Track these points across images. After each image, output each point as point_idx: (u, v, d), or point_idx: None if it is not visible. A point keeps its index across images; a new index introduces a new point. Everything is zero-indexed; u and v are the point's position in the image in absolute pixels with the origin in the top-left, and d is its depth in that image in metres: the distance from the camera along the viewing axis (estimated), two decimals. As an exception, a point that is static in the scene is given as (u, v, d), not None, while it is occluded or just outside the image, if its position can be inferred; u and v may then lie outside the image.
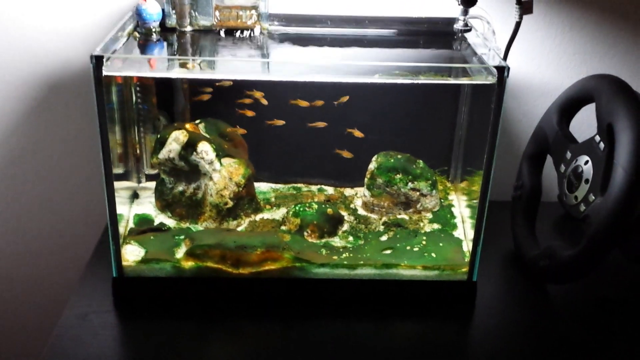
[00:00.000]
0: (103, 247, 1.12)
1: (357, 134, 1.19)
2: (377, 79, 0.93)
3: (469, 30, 1.11)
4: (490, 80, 0.95)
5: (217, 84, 1.16)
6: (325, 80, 0.94)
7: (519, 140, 1.37)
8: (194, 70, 1.01)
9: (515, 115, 1.38)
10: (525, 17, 1.08)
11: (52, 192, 1.39)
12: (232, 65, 1.08)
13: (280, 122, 1.19)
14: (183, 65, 1.02)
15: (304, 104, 1.18)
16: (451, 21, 1.19)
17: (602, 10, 1.31)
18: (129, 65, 1.02)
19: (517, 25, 1.06)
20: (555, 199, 1.23)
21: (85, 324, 1.01)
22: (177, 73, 1.04)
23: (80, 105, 1.31)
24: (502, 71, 0.94)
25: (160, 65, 1.06)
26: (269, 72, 1.04)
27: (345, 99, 1.18)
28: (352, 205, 1.23)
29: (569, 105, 1.17)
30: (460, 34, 1.13)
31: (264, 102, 1.18)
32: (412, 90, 1.21)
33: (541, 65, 1.35)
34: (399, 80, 0.93)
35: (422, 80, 0.93)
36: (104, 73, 0.92)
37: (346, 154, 1.21)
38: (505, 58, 1.09)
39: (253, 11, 1.16)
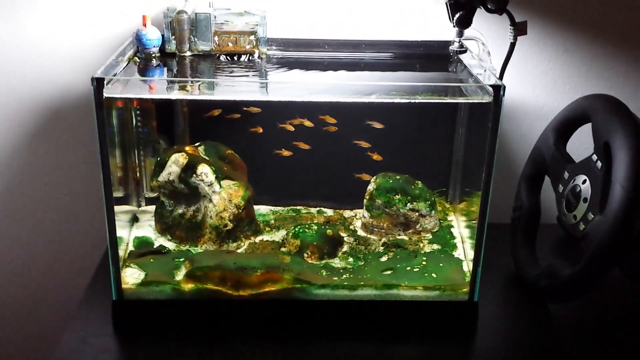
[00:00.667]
0: (103, 271, 1.12)
1: (365, 144, 1.21)
2: (374, 99, 0.94)
3: (465, 51, 1.13)
4: (487, 99, 0.96)
5: (244, 108, 1.18)
6: (323, 100, 0.95)
7: (516, 162, 1.38)
8: (194, 91, 1.02)
9: (512, 137, 1.39)
10: (520, 40, 1.10)
11: (52, 216, 1.39)
12: (231, 86, 1.10)
13: (288, 153, 1.21)
14: (183, 87, 1.03)
15: (290, 128, 1.20)
16: (447, 44, 1.20)
17: (596, 33, 1.33)
18: (130, 88, 1.03)
19: (512, 46, 1.08)
20: (554, 220, 1.24)
21: (85, 347, 1.00)
22: (176, 94, 1.05)
23: (79, 131, 1.32)
24: (497, 90, 0.95)
25: (160, 87, 1.07)
26: (268, 93, 1.05)
27: (333, 128, 1.20)
28: (351, 227, 1.23)
29: (565, 126, 1.18)
30: (455, 56, 1.14)
31: (309, 124, 1.19)
32: (410, 112, 1.24)
33: (536, 88, 1.36)
34: (397, 100, 0.94)
35: (419, 99, 0.94)
36: (105, 95, 0.93)
37: (366, 177, 1.23)
38: (500, 78, 1.10)
39: (252, 37, 1.18)
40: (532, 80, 1.36)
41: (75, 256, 1.42)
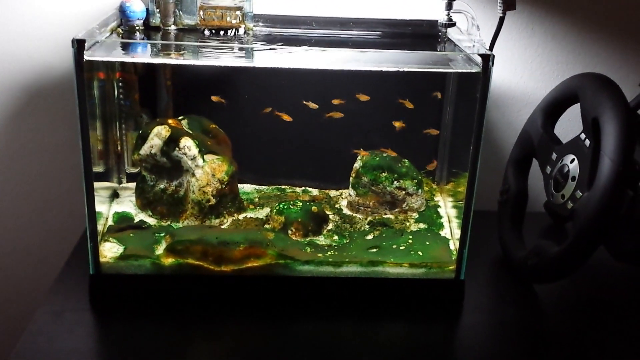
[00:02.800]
0: (83, 247, 1.09)
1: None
2: (363, 67, 0.92)
3: (453, 24, 1.11)
4: (476, 69, 0.95)
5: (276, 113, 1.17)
6: (311, 67, 0.93)
7: (502, 150, 1.37)
8: (178, 57, 0.99)
9: (499, 125, 1.38)
10: (507, 27, 1.08)
11: (33, 193, 1.36)
12: (216, 53, 1.07)
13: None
14: (166, 53, 1.00)
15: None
16: (435, 23, 1.19)
17: (584, 18, 1.33)
18: (111, 53, 1.00)
19: (501, 20, 1.07)
20: (540, 208, 1.24)
21: (60, 320, 0.97)
22: (160, 59, 1.02)
23: (61, 111, 1.29)
24: (487, 59, 0.93)
25: (143, 52, 1.04)
26: (253, 59, 1.03)
27: (338, 115, 1.18)
28: (337, 205, 1.21)
29: (553, 107, 1.17)
30: (444, 29, 1.12)
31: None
32: (397, 90, 1.22)
33: (524, 75, 1.36)
34: (384, 68, 0.92)
35: (407, 68, 0.92)
36: (86, 58, 0.90)
37: (363, 153, 1.21)
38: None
39: (238, 12, 1.16)
40: (519, 67, 1.35)
41: (56, 234, 1.39)
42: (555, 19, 1.33)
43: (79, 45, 0.90)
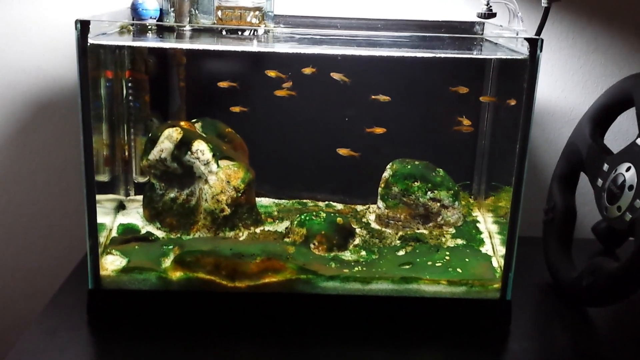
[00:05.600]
0: (87, 262, 0.98)
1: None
2: (395, 52, 0.83)
3: (494, 15, 1.02)
4: (523, 54, 0.85)
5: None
6: (335, 53, 0.85)
7: (543, 172, 1.26)
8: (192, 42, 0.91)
9: (539, 143, 1.27)
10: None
11: (41, 208, 1.27)
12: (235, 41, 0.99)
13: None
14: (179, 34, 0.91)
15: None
16: (470, 25, 1.11)
17: (628, 28, 1.23)
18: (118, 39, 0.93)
19: (546, 11, 0.98)
20: (584, 235, 1.13)
21: (52, 339, 0.87)
22: (172, 44, 0.94)
23: (70, 124, 1.21)
24: (534, 43, 0.84)
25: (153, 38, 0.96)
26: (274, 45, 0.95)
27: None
28: (364, 220, 1.10)
29: (604, 114, 1.07)
30: (483, 19, 1.02)
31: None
32: (430, 95, 1.13)
33: (565, 89, 1.26)
34: (419, 54, 0.82)
35: (443, 54, 0.83)
36: (90, 42, 0.82)
37: (378, 130, 1.10)
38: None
39: (257, 12, 1.08)
40: (560, 80, 1.25)
41: (62, 251, 1.29)
42: (598, 28, 1.23)
43: (82, 27, 0.82)
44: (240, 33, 1.06)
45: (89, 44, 0.82)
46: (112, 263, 0.94)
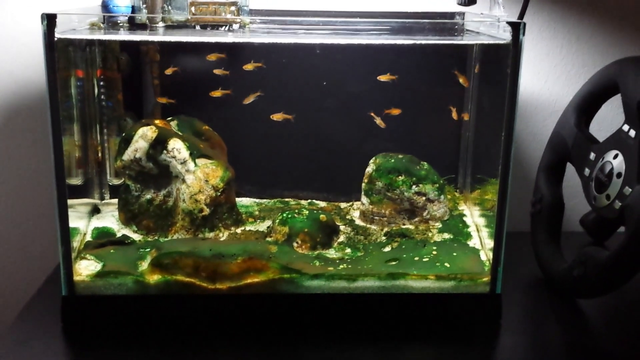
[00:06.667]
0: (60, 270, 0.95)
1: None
2: (375, 40, 0.80)
3: (474, 2, 1.00)
4: (504, 39, 0.83)
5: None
6: (314, 42, 0.82)
7: (528, 164, 1.24)
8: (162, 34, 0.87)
9: (523, 136, 1.25)
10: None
11: (10, 210, 1.23)
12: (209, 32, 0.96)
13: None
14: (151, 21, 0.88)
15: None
16: (451, 15, 1.09)
17: (612, 18, 1.22)
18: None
19: (527, -5, 0.96)
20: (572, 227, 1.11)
21: (24, 350, 0.82)
22: (143, 36, 0.91)
23: (39, 129, 1.17)
24: (516, 27, 0.82)
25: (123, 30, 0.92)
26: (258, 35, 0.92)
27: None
28: (348, 216, 1.07)
29: (588, 102, 1.05)
30: (464, 6, 1.00)
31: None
32: (410, 85, 1.10)
33: (548, 80, 1.24)
34: (400, 41, 0.80)
35: (424, 40, 0.80)
36: (57, 36, 0.79)
37: (380, 122, 1.07)
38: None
39: (232, 7, 1.06)
40: (542, 71, 1.23)
41: (34, 257, 1.25)
42: (579, 16, 1.22)
43: (49, 21, 0.78)
44: (214, 29, 1.04)
45: (56, 39, 0.78)
46: (86, 268, 0.90)
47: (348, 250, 0.97)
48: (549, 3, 1.21)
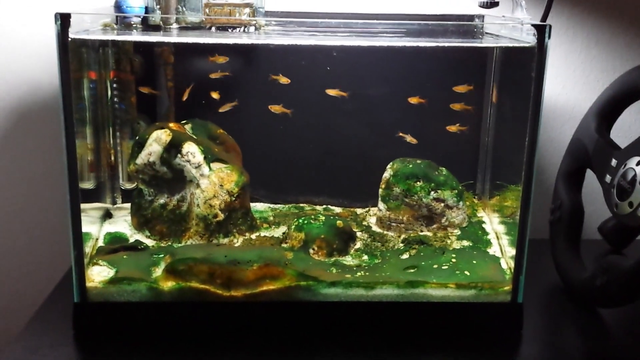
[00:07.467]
0: (72, 275, 0.92)
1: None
2: (394, 42, 0.78)
3: (497, 4, 0.98)
4: (529, 42, 0.81)
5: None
6: (333, 45, 0.80)
7: (546, 171, 1.22)
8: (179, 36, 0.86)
9: (541, 142, 1.20)
10: None
11: (21, 215, 1.21)
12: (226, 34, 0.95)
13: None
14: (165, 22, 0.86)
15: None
16: (470, 18, 1.07)
17: (631, 22, 1.20)
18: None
19: (550, -2, 0.94)
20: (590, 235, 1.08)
21: (35, 359, 0.80)
22: (159, 37, 0.89)
23: (50, 133, 1.16)
24: (542, 30, 0.80)
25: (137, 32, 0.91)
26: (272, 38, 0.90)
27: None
28: (364, 223, 1.05)
29: (610, 107, 1.03)
30: (485, 8, 0.98)
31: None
32: (427, 92, 1.09)
33: (566, 85, 1.22)
34: (420, 43, 0.78)
35: (445, 43, 0.78)
36: (71, 36, 0.77)
37: (411, 139, 1.07)
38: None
39: (247, 9, 1.04)
40: (560, 76, 1.21)
41: (45, 263, 1.23)
42: (598, 21, 1.20)
43: (63, 20, 0.76)
44: (230, 30, 1.02)
45: (70, 39, 0.77)
46: (99, 274, 0.88)
47: (365, 257, 0.95)
48: (568, 7, 1.19)
